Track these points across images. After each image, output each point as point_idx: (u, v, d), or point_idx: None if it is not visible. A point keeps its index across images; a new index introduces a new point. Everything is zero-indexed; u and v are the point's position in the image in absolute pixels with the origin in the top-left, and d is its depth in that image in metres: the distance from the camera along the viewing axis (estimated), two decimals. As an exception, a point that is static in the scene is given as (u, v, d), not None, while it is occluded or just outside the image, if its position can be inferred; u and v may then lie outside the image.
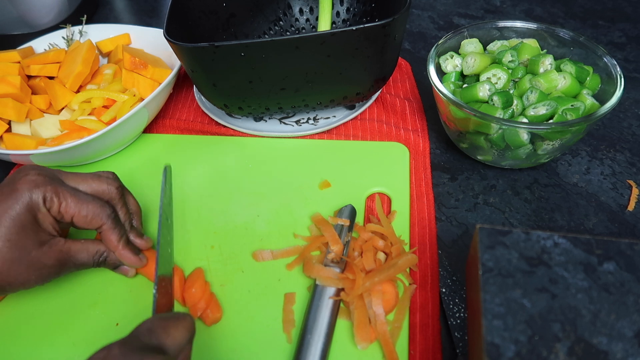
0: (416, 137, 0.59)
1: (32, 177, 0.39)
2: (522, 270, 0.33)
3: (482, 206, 0.53)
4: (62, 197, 0.39)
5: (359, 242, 0.47)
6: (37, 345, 0.42)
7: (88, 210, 0.40)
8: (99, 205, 0.41)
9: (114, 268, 0.44)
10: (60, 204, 0.39)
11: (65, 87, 0.59)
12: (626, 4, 0.82)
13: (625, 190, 0.53)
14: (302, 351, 0.39)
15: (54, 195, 0.39)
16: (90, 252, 0.42)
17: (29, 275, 0.39)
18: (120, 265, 0.44)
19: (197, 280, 0.45)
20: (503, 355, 0.29)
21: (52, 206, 0.39)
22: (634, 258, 0.33)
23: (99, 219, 0.41)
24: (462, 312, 0.44)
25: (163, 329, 0.32)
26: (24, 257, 0.38)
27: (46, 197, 0.39)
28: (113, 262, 0.43)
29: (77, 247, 0.41)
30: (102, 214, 0.41)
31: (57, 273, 0.41)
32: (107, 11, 0.88)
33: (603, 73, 0.52)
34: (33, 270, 0.39)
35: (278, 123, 0.62)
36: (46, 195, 0.39)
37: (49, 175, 0.40)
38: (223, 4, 0.63)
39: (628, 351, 0.29)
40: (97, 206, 0.41)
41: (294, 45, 0.47)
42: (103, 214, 0.41)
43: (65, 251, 0.40)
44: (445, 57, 0.57)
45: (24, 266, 0.38)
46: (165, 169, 0.47)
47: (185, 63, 0.51)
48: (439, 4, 0.85)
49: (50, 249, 0.39)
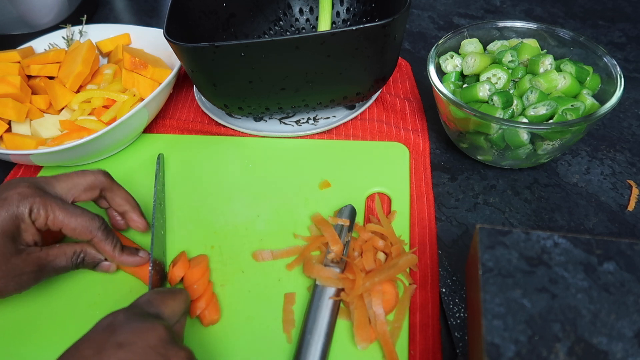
0: (416, 137, 0.59)
1: (22, 189, 0.39)
2: (522, 270, 0.33)
3: (482, 206, 0.53)
4: (49, 209, 0.40)
5: (359, 242, 0.47)
6: (37, 345, 0.42)
7: (77, 223, 0.41)
8: (88, 218, 0.41)
9: (93, 267, 0.44)
10: (48, 217, 0.40)
11: (65, 87, 0.59)
12: (626, 4, 0.82)
13: (625, 190, 0.53)
14: (302, 351, 0.39)
15: (41, 207, 0.39)
16: (68, 255, 0.42)
17: (7, 282, 0.39)
18: (99, 264, 0.44)
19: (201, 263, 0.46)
20: (503, 355, 0.29)
21: (39, 218, 0.40)
22: (634, 258, 0.33)
23: (89, 232, 0.41)
24: (462, 312, 0.44)
25: (160, 300, 0.36)
26: (2, 264, 0.38)
27: (33, 209, 0.39)
28: (91, 262, 0.44)
29: (54, 252, 0.41)
30: (91, 227, 0.41)
31: (35, 279, 0.41)
32: (107, 11, 0.88)
33: (603, 73, 0.52)
34: (11, 277, 0.39)
35: (278, 123, 0.62)
36: (33, 207, 0.39)
37: (39, 187, 0.40)
38: (223, 4, 0.63)
39: (628, 351, 0.29)
40: (87, 219, 0.41)
41: (294, 45, 0.47)
42: (92, 227, 0.41)
43: (44, 257, 0.41)
44: (445, 57, 0.57)
45: (1, 273, 0.38)
46: (158, 157, 0.51)
47: (185, 63, 0.51)
48: (439, 4, 0.85)
49: (29, 255, 0.40)
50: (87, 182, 0.43)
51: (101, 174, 0.44)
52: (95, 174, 0.44)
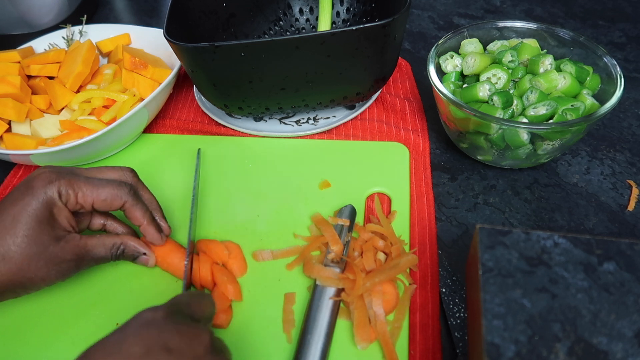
0: (416, 137, 0.59)
1: (46, 174, 0.40)
2: (522, 270, 0.33)
3: (482, 206, 0.53)
4: (76, 187, 0.40)
5: (359, 242, 0.47)
6: (37, 345, 0.42)
7: (106, 193, 0.41)
8: (115, 185, 0.42)
9: (133, 259, 0.45)
10: (77, 195, 0.40)
11: (65, 87, 0.59)
12: (626, 4, 0.82)
13: (625, 190, 0.53)
14: (302, 351, 0.39)
15: (68, 188, 0.40)
16: (107, 245, 0.43)
17: (49, 270, 0.40)
18: (140, 256, 0.44)
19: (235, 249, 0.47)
20: (503, 355, 0.29)
21: (69, 199, 0.40)
22: (634, 258, 0.33)
23: (119, 199, 0.42)
24: (462, 312, 0.44)
25: (197, 304, 0.35)
26: (42, 253, 0.39)
27: (61, 191, 0.40)
28: (131, 253, 0.44)
29: (93, 242, 0.42)
30: (120, 193, 0.42)
31: (76, 267, 0.41)
32: (107, 11, 0.88)
33: (603, 73, 0.52)
34: (52, 265, 0.40)
35: (278, 123, 0.62)
36: (61, 189, 0.40)
37: (62, 171, 0.41)
38: (223, 4, 0.63)
39: (628, 351, 0.29)
40: (114, 186, 0.42)
41: (294, 45, 0.47)
42: (122, 193, 0.42)
43: (82, 246, 0.41)
44: (445, 57, 0.57)
45: (43, 261, 0.39)
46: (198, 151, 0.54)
47: (185, 63, 0.51)
48: (439, 4, 0.85)
49: (67, 244, 0.40)
50: (114, 176, 0.44)
51: (128, 170, 0.45)
52: (123, 171, 0.44)
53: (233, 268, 0.46)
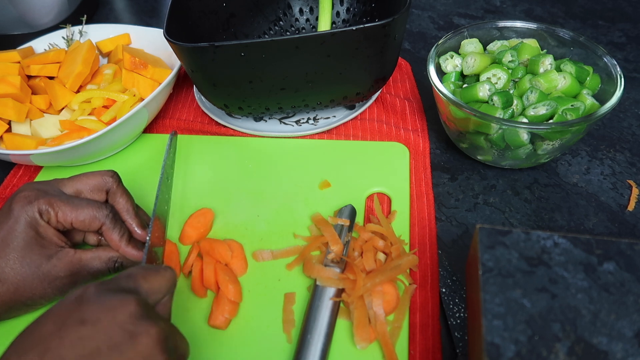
0: (416, 137, 0.59)
1: (25, 194, 0.40)
2: (522, 270, 0.33)
3: (482, 206, 0.53)
4: (56, 206, 0.40)
5: (359, 242, 0.47)
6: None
7: (85, 214, 0.41)
8: (95, 208, 0.41)
9: None
10: (57, 214, 0.40)
11: (65, 87, 0.59)
12: (626, 4, 0.82)
13: (625, 190, 0.53)
14: (302, 351, 0.39)
15: (48, 207, 0.40)
16: (103, 259, 0.42)
17: (44, 288, 0.40)
18: None
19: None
20: (503, 355, 0.29)
21: (50, 217, 0.40)
22: (634, 258, 0.33)
23: (97, 221, 0.41)
24: (462, 312, 0.44)
25: (142, 276, 0.33)
26: (35, 272, 0.39)
27: (42, 210, 0.40)
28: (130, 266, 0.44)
29: (88, 256, 0.42)
30: (99, 215, 0.41)
31: (72, 283, 0.41)
32: (107, 11, 0.88)
33: (603, 73, 0.52)
34: (47, 283, 0.40)
35: (278, 123, 0.62)
36: (41, 208, 0.40)
37: (41, 189, 0.41)
38: (223, 4, 0.63)
39: (628, 351, 0.29)
40: (94, 208, 0.41)
41: (294, 45, 0.47)
42: (100, 215, 0.42)
43: (76, 261, 0.41)
44: (445, 57, 0.57)
45: (37, 280, 0.39)
46: (172, 133, 0.51)
47: (185, 63, 0.51)
48: (439, 4, 0.85)
49: (60, 261, 0.40)
50: (94, 182, 0.43)
51: (109, 174, 0.44)
52: (102, 175, 0.44)
53: (234, 268, 0.46)
